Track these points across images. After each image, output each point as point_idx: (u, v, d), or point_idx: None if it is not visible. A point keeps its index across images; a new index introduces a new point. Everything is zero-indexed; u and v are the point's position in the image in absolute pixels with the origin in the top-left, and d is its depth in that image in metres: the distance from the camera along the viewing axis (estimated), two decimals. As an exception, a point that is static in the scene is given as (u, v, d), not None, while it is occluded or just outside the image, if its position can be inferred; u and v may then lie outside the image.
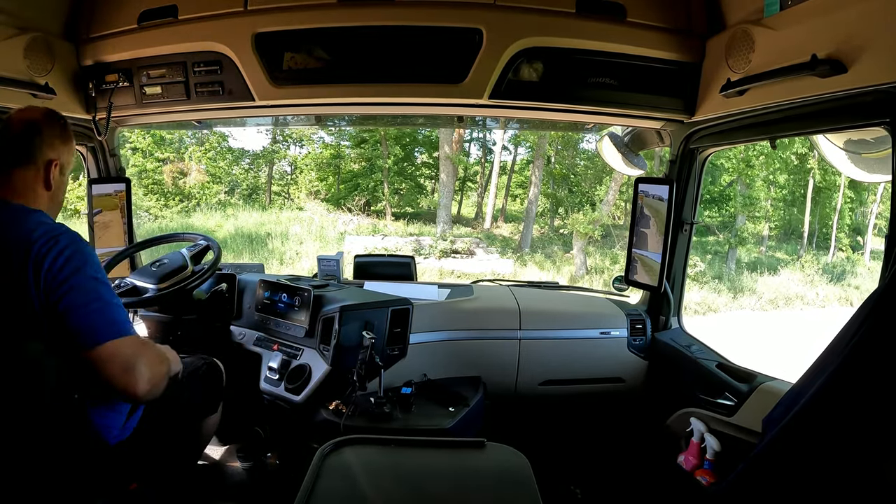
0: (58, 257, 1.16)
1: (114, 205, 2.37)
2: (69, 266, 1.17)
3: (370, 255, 2.98)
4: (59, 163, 1.31)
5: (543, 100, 1.90)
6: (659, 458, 2.10)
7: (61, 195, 1.37)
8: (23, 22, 1.77)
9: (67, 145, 1.35)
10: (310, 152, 17.21)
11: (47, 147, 1.30)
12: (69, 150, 1.36)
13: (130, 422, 1.44)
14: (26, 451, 1.21)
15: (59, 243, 1.17)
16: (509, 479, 1.14)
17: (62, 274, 1.16)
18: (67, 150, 1.35)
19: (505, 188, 18.11)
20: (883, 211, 15.41)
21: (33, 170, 1.28)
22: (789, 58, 1.41)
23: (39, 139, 1.28)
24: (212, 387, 1.79)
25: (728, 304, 12.24)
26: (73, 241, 1.20)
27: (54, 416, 1.23)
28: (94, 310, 1.18)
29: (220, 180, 15.88)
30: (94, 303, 1.18)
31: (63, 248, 1.17)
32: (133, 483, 1.50)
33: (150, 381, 1.22)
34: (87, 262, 1.20)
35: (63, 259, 1.16)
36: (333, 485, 1.07)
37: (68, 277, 1.16)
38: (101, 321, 1.18)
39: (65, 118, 1.37)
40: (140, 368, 1.20)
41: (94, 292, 1.19)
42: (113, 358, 1.18)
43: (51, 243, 1.17)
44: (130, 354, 1.20)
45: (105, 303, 1.20)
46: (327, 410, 1.82)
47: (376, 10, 1.81)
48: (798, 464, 0.93)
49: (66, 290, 1.16)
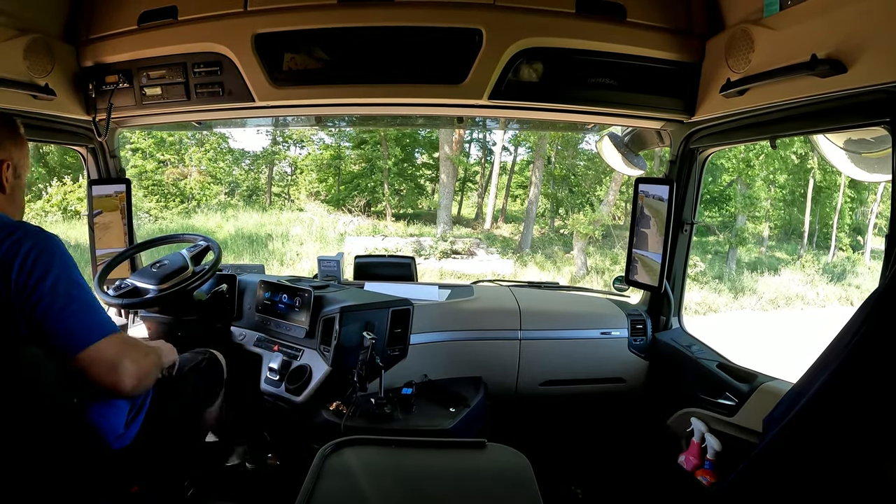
0: (24, 262, 1.11)
1: (114, 206, 2.37)
2: (37, 271, 1.12)
3: (370, 255, 2.98)
4: (10, 164, 1.27)
5: (543, 100, 1.90)
6: (659, 458, 2.10)
7: (19, 198, 1.33)
8: (23, 23, 1.77)
9: (19, 146, 1.31)
10: (310, 153, 17.24)
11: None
12: (22, 152, 1.31)
13: (133, 425, 1.44)
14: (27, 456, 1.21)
15: (22, 246, 1.13)
16: (510, 480, 1.14)
17: (31, 280, 1.11)
18: (19, 151, 1.30)
19: (505, 189, 18.11)
20: (883, 210, 15.40)
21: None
22: (789, 58, 1.41)
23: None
24: (213, 380, 1.78)
25: (728, 304, 12.24)
26: (36, 242, 1.15)
27: (54, 420, 1.23)
28: (70, 314, 1.15)
29: (221, 181, 15.88)
30: (69, 307, 1.15)
31: (28, 252, 1.13)
32: (134, 486, 1.50)
33: (136, 377, 1.22)
34: (54, 263, 1.16)
35: (30, 262, 1.12)
36: (334, 485, 1.07)
37: (38, 283, 1.12)
38: (79, 326, 1.16)
39: (15, 120, 1.33)
40: (125, 366, 1.19)
41: (66, 296, 1.15)
42: (95, 361, 1.17)
43: (14, 248, 1.12)
44: (113, 355, 1.19)
45: (80, 305, 1.17)
46: (328, 411, 1.82)
47: (376, 10, 1.81)
48: (799, 464, 0.93)
49: (39, 298, 1.12)
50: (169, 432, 1.57)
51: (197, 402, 1.72)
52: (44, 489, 1.22)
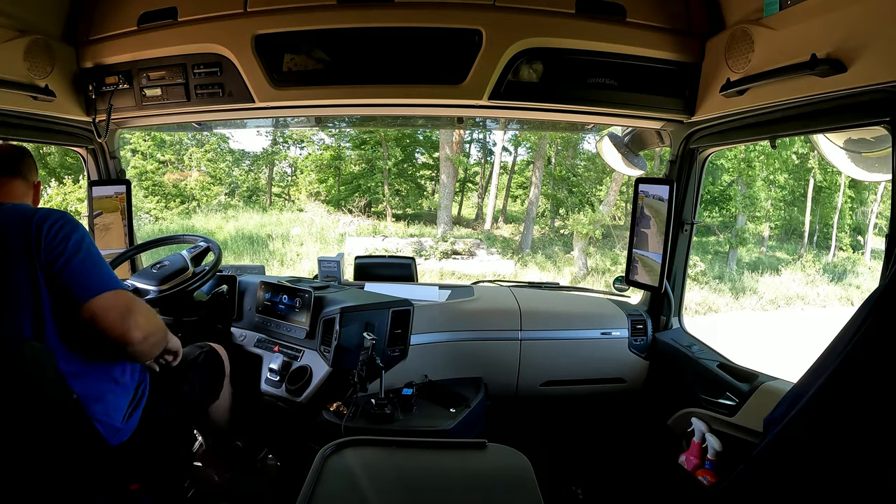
0: (52, 225, 1.28)
1: (114, 207, 2.37)
2: (62, 232, 1.29)
3: (371, 256, 2.98)
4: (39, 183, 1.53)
5: (543, 100, 1.91)
6: (660, 458, 2.10)
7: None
8: (23, 24, 1.78)
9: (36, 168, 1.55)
10: (310, 154, 17.23)
11: (34, 170, 1.51)
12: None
13: (131, 421, 1.44)
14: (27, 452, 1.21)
15: (51, 216, 1.31)
16: (511, 480, 1.14)
17: (57, 238, 1.28)
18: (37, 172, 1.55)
19: (505, 189, 18.11)
20: (883, 210, 15.40)
21: (28, 185, 1.48)
22: (789, 57, 1.41)
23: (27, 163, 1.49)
24: (213, 373, 1.79)
25: (729, 305, 12.23)
26: (62, 216, 1.33)
27: (54, 417, 1.23)
28: (88, 266, 1.29)
29: (221, 182, 15.89)
30: (87, 261, 1.30)
31: (56, 219, 1.30)
32: (134, 483, 1.50)
33: (145, 329, 1.30)
34: (76, 230, 1.32)
35: (57, 226, 1.29)
36: (334, 486, 1.07)
37: (63, 240, 1.28)
38: (96, 275, 1.29)
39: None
40: (135, 317, 1.29)
41: (86, 251, 1.30)
42: (109, 307, 1.27)
43: (45, 217, 1.30)
44: (125, 303, 1.29)
45: (97, 260, 1.33)
46: (328, 412, 1.82)
47: (376, 11, 1.81)
48: (799, 464, 0.92)
49: (62, 251, 1.27)
50: (167, 427, 1.57)
51: (195, 396, 1.72)
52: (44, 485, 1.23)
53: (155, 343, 1.39)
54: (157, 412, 1.51)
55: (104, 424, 1.37)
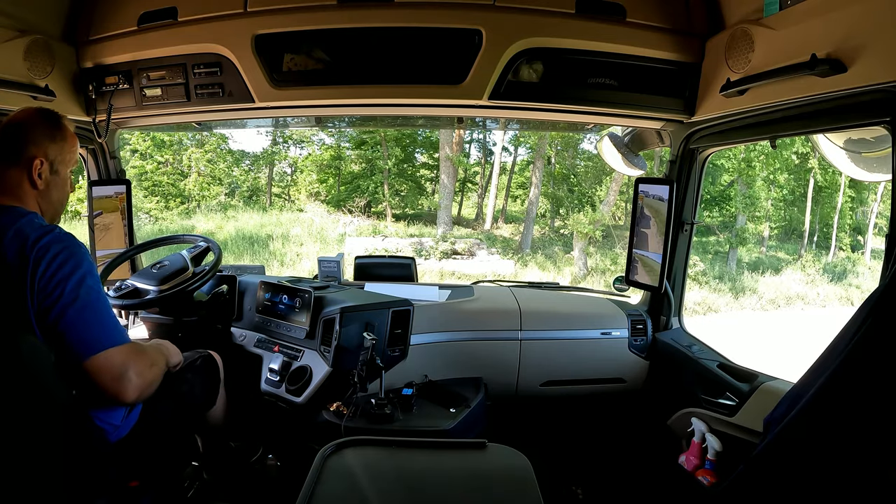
0: (50, 264, 1.16)
1: (114, 207, 2.37)
2: (60, 272, 1.16)
3: (371, 256, 2.98)
4: (44, 160, 1.29)
5: (543, 100, 1.91)
6: (660, 458, 2.10)
7: (56, 194, 1.35)
8: (23, 24, 1.78)
9: (57, 142, 1.33)
10: (310, 154, 17.22)
11: (31, 145, 1.28)
12: (61, 148, 1.34)
13: (130, 419, 1.44)
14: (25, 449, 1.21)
15: (49, 250, 1.17)
16: (511, 480, 1.14)
17: (53, 282, 1.15)
18: (58, 147, 1.33)
19: (505, 189, 18.10)
20: (883, 210, 15.39)
21: (17, 169, 1.27)
22: (789, 57, 1.41)
23: (24, 137, 1.28)
24: (209, 379, 1.78)
25: (729, 304, 12.23)
26: (65, 247, 1.19)
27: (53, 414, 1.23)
28: (84, 320, 1.18)
29: (220, 182, 15.88)
30: (84, 312, 1.18)
31: (56, 255, 1.17)
32: (134, 481, 1.50)
33: (139, 388, 1.24)
34: (78, 267, 1.20)
35: (55, 265, 1.16)
36: (335, 486, 1.07)
37: (59, 284, 1.16)
38: (92, 332, 1.19)
39: (60, 117, 1.36)
40: (129, 377, 1.21)
41: (84, 302, 1.18)
42: (102, 369, 1.19)
43: (43, 250, 1.16)
44: (120, 364, 1.21)
45: (95, 311, 1.20)
46: (328, 412, 1.82)
47: (376, 11, 1.81)
48: (799, 464, 0.92)
49: (57, 298, 1.15)
50: (166, 425, 1.57)
51: (192, 401, 1.72)
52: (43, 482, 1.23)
53: (151, 392, 1.31)
54: (156, 410, 1.52)
55: (104, 422, 1.37)
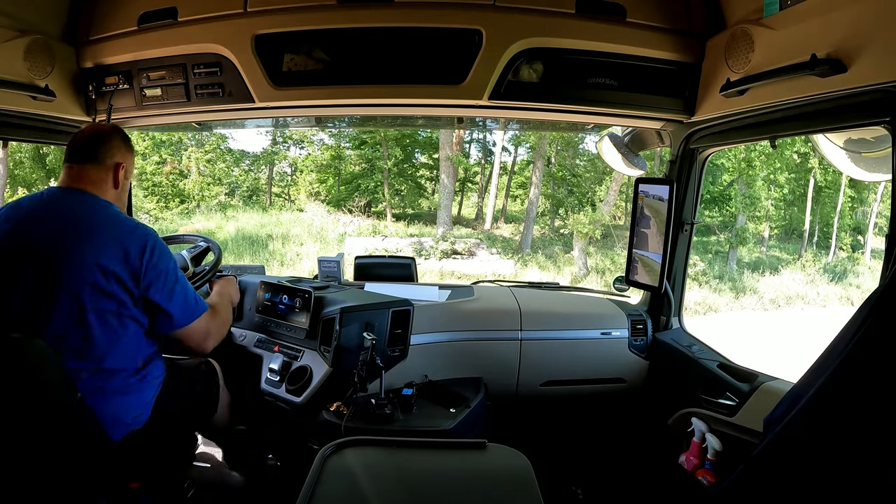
0: (144, 253, 1.43)
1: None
2: (153, 259, 1.44)
3: (371, 256, 2.98)
4: (124, 166, 1.56)
5: (543, 100, 1.90)
6: (660, 458, 2.10)
7: (124, 196, 1.62)
8: (23, 24, 1.78)
9: (131, 153, 1.61)
10: (310, 154, 17.22)
11: (117, 152, 1.55)
12: (132, 157, 1.62)
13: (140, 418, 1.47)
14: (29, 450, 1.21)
15: (146, 241, 1.45)
16: (511, 480, 1.14)
17: (150, 267, 1.43)
18: (132, 159, 1.62)
19: (505, 189, 18.11)
20: (883, 210, 15.40)
21: (104, 168, 1.52)
22: (789, 57, 1.41)
23: (111, 145, 1.54)
24: (211, 385, 1.81)
25: (729, 304, 12.23)
26: (151, 238, 1.47)
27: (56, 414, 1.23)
28: (177, 295, 1.49)
29: (220, 182, 15.88)
30: (176, 288, 1.49)
31: (146, 245, 1.44)
32: (135, 482, 1.50)
33: (216, 341, 1.64)
34: (164, 255, 1.48)
35: (148, 254, 1.43)
36: (334, 486, 1.07)
37: (155, 268, 1.44)
38: (183, 307, 1.51)
39: (124, 130, 1.64)
40: (211, 337, 1.61)
41: (174, 281, 1.49)
42: (192, 334, 1.55)
43: (139, 240, 1.43)
44: (204, 328, 1.58)
45: (182, 287, 1.52)
46: (328, 412, 1.82)
47: (376, 11, 1.81)
48: (799, 464, 0.92)
49: (154, 280, 1.44)
50: (169, 426, 1.60)
51: (196, 406, 1.75)
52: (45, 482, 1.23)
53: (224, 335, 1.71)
54: (163, 412, 1.52)
55: (109, 424, 1.38)
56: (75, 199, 1.46)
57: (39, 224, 1.40)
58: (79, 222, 1.40)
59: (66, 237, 1.37)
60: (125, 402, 1.43)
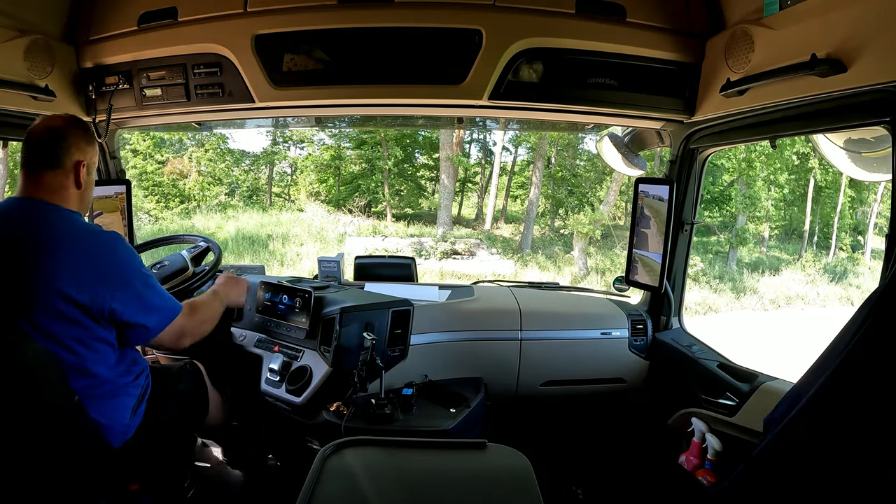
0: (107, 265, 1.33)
1: (114, 207, 2.37)
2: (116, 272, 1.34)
3: (371, 256, 2.98)
4: (85, 163, 1.42)
5: (543, 100, 1.90)
6: (660, 458, 2.10)
7: (88, 193, 1.48)
8: (23, 24, 1.78)
9: (93, 147, 1.47)
10: (310, 154, 17.22)
11: (76, 149, 1.40)
12: (94, 152, 1.48)
13: (135, 420, 1.46)
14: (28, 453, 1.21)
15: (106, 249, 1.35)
16: (511, 480, 1.14)
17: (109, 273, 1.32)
18: (93, 151, 1.47)
19: (505, 189, 18.10)
20: (883, 210, 15.39)
21: (62, 172, 1.38)
22: (789, 57, 1.41)
23: (68, 142, 1.39)
24: (196, 386, 1.80)
25: (729, 304, 12.23)
26: (113, 244, 1.37)
27: (55, 418, 1.23)
28: (148, 305, 1.39)
29: (220, 181, 15.88)
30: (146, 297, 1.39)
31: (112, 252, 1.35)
32: (134, 484, 1.50)
33: (193, 338, 1.54)
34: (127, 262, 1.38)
35: (110, 266, 1.33)
36: (334, 486, 1.07)
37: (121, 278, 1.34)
38: (157, 313, 1.42)
39: (87, 123, 1.52)
40: (186, 335, 1.52)
41: (142, 286, 1.38)
42: (163, 339, 1.47)
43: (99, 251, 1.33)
44: (177, 331, 1.48)
45: (152, 291, 1.42)
46: (328, 412, 1.81)
47: (376, 11, 1.81)
48: (799, 464, 0.92)
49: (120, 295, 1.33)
50: (167, 427, 1.59)
51: (188, 408, 1.74)
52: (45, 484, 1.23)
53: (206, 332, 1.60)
54: (158, 413, 1.52)
55: (106, 426, 1.38)
56: (34, 213, 1.33)
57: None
58: (37, 241, 1.28)
59: (23, 258, 1.25)
60: (115, 404, 1.41)
